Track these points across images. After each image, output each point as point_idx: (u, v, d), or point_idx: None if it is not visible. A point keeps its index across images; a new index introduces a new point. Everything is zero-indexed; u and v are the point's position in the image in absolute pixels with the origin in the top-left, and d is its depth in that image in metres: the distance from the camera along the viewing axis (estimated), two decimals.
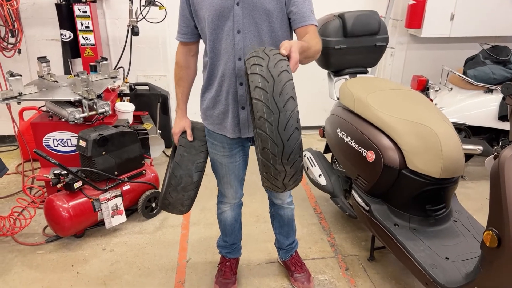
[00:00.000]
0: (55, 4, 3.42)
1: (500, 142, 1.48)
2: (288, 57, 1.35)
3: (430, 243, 1.98)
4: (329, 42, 2.56)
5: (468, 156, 3.51)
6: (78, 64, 3.75)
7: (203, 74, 1.84)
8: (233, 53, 1.66)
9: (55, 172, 2.53)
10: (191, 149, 1.91)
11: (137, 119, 3.60)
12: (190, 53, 1.87)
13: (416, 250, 1.94)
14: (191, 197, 1.99)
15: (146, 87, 3.79)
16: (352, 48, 2.60)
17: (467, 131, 3.33)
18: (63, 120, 2.79)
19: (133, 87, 3.69)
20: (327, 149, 2.89)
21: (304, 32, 1.64)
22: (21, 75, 2.72)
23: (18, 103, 2.76)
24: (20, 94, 2.70)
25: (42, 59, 3.08)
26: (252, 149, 1.88)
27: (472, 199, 3.13)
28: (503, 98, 1.43)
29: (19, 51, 3.56)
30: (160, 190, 2.98)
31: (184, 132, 1.93)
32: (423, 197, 2.05)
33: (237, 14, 1.60)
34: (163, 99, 3.80)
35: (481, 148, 3.12)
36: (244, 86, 1.70)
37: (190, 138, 1.91)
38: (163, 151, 3.82)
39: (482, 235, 1.54)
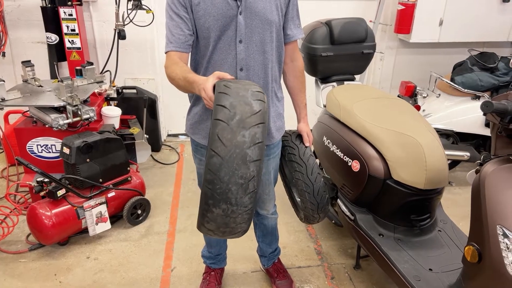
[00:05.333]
0: (41, 7, 3.37)
1: (482, 157, 1.48)
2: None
3: (414, 253, 1.98)
4: (316, 49, 2.55)
5: (455, 162, 3.52)
6: (65, 67, 3.69)
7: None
8: (234, 63, 1.62)
9: (38, 179, 2.48)
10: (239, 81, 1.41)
11: (124, 123, 3.55)
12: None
13: (400, 261, 1.93)
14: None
15: (134, 91, 3.75)
16: (339, 56, 2.59)
17: (454, 137, 3.34)
18: (47, 126, 2.74)
19: (120, 90, 3.64)
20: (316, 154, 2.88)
21: (292, 46, 1.78)
22: (3, 81, 2.67)
23: (1, 108, 2.71)
24: (3, 99, 2.66)
25: (27, 63, 3.03)
26: None
27: (460, 206, 3.14)
28: (484, 114, 1.42)
29: (3, 54, 3.50)
30: (146, 197, 2.95)
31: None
32: (408, 207, 2.05)
33: (240, 23, 1.57)
34: (151, 103, 3.76)
35: (468, 154, 3.13)
36: None
37: (230, 76, 1.42)
38: (151, 155, 3.79)
39: (464, 249, 1.54)
